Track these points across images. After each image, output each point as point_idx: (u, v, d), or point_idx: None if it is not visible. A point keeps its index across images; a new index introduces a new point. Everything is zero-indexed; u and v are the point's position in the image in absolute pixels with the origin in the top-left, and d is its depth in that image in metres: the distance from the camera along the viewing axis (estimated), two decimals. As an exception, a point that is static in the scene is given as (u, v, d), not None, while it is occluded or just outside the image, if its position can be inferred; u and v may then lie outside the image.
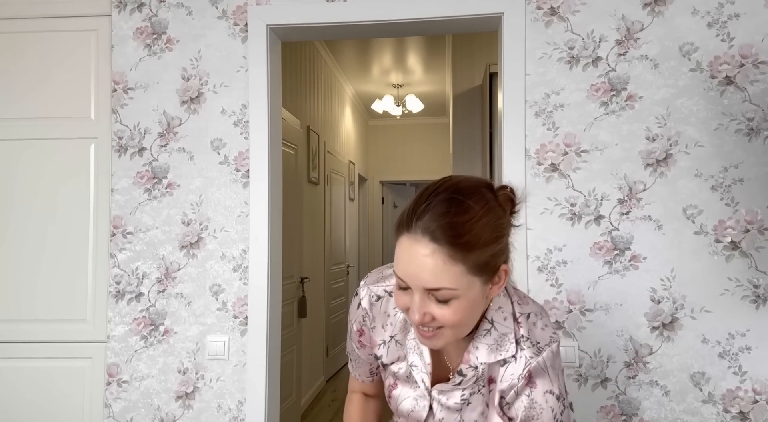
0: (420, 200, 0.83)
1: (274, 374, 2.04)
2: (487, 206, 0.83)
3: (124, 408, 2.00)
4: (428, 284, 0.81)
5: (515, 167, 1.86)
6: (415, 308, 0.83)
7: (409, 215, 0.82)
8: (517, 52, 1.87)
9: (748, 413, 1.76)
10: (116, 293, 2.02)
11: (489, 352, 0.92)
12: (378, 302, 1.02)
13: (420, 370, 0.98)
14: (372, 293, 1.02)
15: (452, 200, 0.81)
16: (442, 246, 0.79)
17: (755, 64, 1.78)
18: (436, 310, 0.83)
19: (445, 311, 0.82)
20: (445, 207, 0.80)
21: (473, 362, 0.93)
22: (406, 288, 0.84)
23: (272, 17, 1.98)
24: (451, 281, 0.80)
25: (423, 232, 0.80)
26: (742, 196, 1.78)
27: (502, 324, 0.93)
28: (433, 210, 0.80)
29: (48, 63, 2.08)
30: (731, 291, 1.77)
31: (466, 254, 0.80)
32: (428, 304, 0.83)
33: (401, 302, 0.86)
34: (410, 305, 0.84)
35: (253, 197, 1.97)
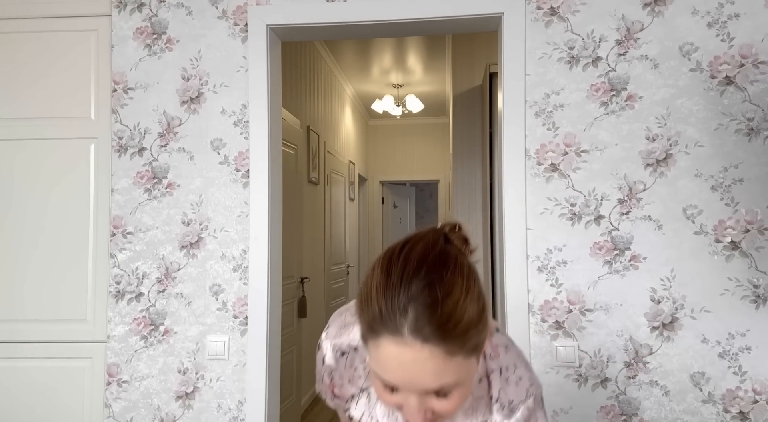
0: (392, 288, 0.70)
1: (274, 374, 2.04)
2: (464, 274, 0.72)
3: (124, 408, 2.00)
4: (429, 386, 0.70)
5: (515, 167, 1.86)
6: (414, 413, 0.72)
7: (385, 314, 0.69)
8: (517, 52, 1.87)
9: (748, 413, 1.76)
10: (116, 293, 2.02)
11: (464, 418, 0.86)
12: (343, 358, 0.92)
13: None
14: (336, 349, 0.93)
15: (432, 283, 0.69)
16: (437, 345, 0.67)
17: (755, 64, 1.78)
18: (437, 405, 0.73)
19: (446, 403, 0.73)
20: (429, 296, 0.68)
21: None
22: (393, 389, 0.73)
23: (272, 17, 1.98)
24: (453, 375, 0.70)
25: (412, 334, 0.67)
26: (742, 196, 1.78)
27: (477, 387, 0.86)
28: (416, 302, 0.68)
29: (48, 63, 2.08)
30: (731, 291, 1.77)
31: (462, 341, 0.69)
32: (427, 401, 0.73)
33: (392, 401, 0.75)
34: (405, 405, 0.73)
35: (253, 197, 1.97)
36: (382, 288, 0.70)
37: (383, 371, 0.71)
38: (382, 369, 0.71)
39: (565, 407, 1.82)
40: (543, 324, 1.85)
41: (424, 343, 0.67)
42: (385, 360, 0.70)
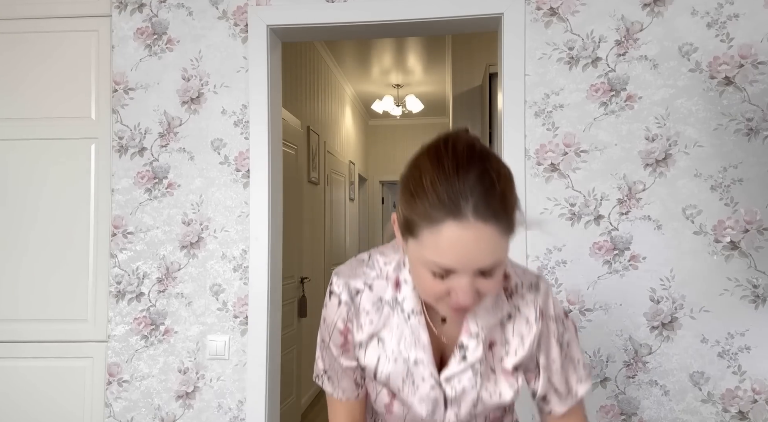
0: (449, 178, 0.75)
1: (274, 374, 2.04)
2: (501, 163, 0.80)
3: (124, 408, 2.01)
4: (486, 264, 0.76)
5: (515, 167, 1.86)
6: (467, 291, 0.78)
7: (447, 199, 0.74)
8: (516, 52, 1.87)
9: (748, 412, 1.76)
10: (117, 293, 2.02)
11: (486, 314, 0.92)
12: (357, 297, 0.93)
13: (426, 365, 0.92)
14: (351, 288, 0.94)
15: (486, 172, 0.75)
16: (495, 224, 0.74)
17: (754, 65, 1.78)
18: (482, 285, 0.79)
19: (491, 282, 0.79)
20: (486, 182, 0.74)
21: (473, 329, 0.91)
22: (444, 276, 0.78)
23: (272, 17, 1.98)
24: (502, 252, 0.77)
25: (475, 215, 0.73)
26: (741, 196, 1.78)
27: None
28: (477, 188, 0.74)
29: (48, 63, 2.08)
30: (730, 291, 1.78)
31: (510, 221, 0.77)
32: (475, 282, 0.78)
33: (436, 289, 0.80)
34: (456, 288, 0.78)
35: (253, 197, 1.98)
36: (440, 178, 0.75)
37: (442, 255, 0.75)
38: (441, 254, 0.75)
39: (564, 406, 1.83)
40: (543, 323, 1.85)
41: (486, 223, 0.73)
42: (446, 243, 0.74)
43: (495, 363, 0.94)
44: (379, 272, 0.94)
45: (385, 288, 0.93)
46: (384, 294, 0.93)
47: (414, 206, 0.77)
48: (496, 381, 0.93)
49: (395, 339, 0.93)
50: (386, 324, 0.93)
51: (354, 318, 0.94)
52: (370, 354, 0.94)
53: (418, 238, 0.77)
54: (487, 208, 0.73)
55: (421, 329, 0.91)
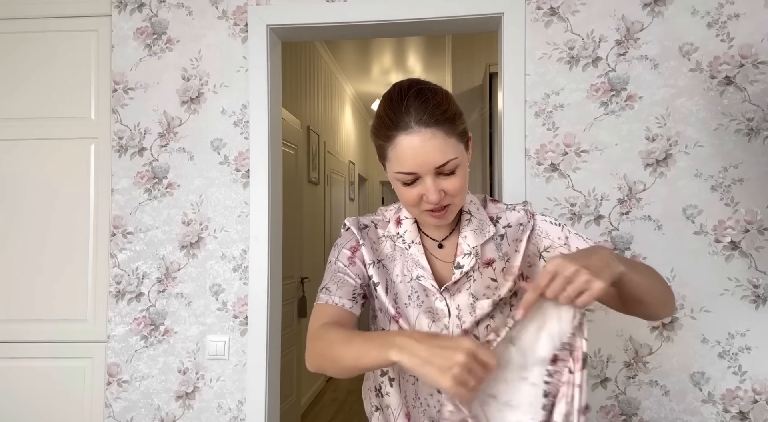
0: (395, 105, 0.94)
1: (274, 374, 2.04)
2: (441, 87, 0.98)
3: (124, 408, 2.01)
4: (439, 161, 0.92)
5: (515, 167, 1.86)
6: (432, 189, 0.94)
7: (395, 118, 0.93)
8: (517, 52, 1.87)
9: (748, 413, 1.76)
10: (116, 293, 2.02)
11: (475, 236, 1.07)
12: (366, 230, 1.11)
13: (426, 279, 1.04)
14: (360, 223, 1.12)
15: (422, 91, 0.94)
16: (437, 127, 0.92)
17: (755, 65, 1.78)
18: (446, 184, 0.95)
19: (453, 181, 0.95)
20: (423, 98, 0.93)
21: (466, 249, 1.06)
22: (412, 182, 0.95)
23: (272, 17, 1.98)
24: (453, 151, 0.93)
25: (417, 123, 0.92)
26: (741, 196, 1.78)
27: (477, 213, 1.10)
28: (415, 104, 0.93)
29: (48, 63, 2.08)
30: (731, 291, 1.78)
31: (453, 125, 0.94)
32: (439, 182, 0.95)
33: (410, 196, 0.97)
34: (423, 191, 0.95)
35: (253, 197, 1.97)
36: (388, 106, 0.96)
37: (402, 163, 0.94)
38: (401, 162, 0.94)
39: (565, 407, 1.82)
40: (543, 323, 1.84)
41: (427, 127, 0.92)
42: (402, 152, 0.93)
43: (497, 274, 1.06)
44: (382, 217, 1.14)
45: (388, 227, 1.12)
46: (386, 231, 1.11)
47: (378, 133, 0.97)
48: (496, 287, 1.05)
49: (398, 267, 1.07)
50: (388, 255, 1.09)
51: (363, 240, 1.09)
52: (380, 275, 1.08)
53: (387, 158, 0.97)
54: (425, 115, 0.92)
55: (420, 255, 1.07)
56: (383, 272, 1.08)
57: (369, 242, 1.09)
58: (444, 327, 1.03)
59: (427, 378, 0.76)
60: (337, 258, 1.09)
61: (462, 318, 1.03)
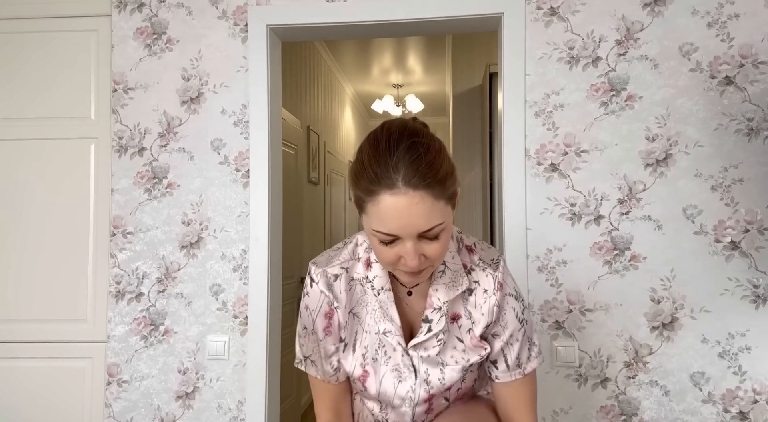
0: (381, 157, 0.85)
1: (274, 374, 2.04)
2: (434, 138, 0.89)
3: (124, 408, 2.00)
4: (423, 227, 0.85)
5: (515, 167, 1.86)
6: (412, 255, 0.87)
7: (380, 174, 0.84)
8: (517, 52, 1.87)
9: (748, 413, 1.76)
10: (116, 293, 2.02)
11: (447, 290, 1.00)
12: (336, 282, 1.02)
13: (394, 334, 1.00)
14: (329, 275, 1.02)
15: (414, 144, 0.85)
16: (425, 190, 0.83)
17: (755, 65, 1.78)
18: (428, 249, 0.88)
19: (435, 246, 0.88)
20: (413, 154, 0.84)
21: (436, 304, 1.00)
22: (390, 242, 0.87)
23: (272, 17, 1.98)
24: (439, 217, 0.86)
25: (405, 184, 0.82)
26: (741, 196, 1.78)
27: (452, 263, 1.02)
28: (404, 160, 0.83)
29: (48, 63, 2.08)
30: (731, 291, 1.78)
31: (442, 187, 0.85)
32: (421, 246, 0.88)
33: (387, 256, 0.89)
34: (402, 254, 0.88)
35: (253, 197, 1.97)
36: (374, 157, 0.85)
37: (383, 223, 0.85)
38: (382, 222, 0.85)
39: (564, 407, 1.82)
40: (543, 323, 1.85)
41: (416, 190, 0.83)
42: (384, 212, 0.84)
43: (462, 333, 1.02)
44: (351, 255, 1.04)
45: (357, 267, 1.03)
46: (356, 274, 1.02)
47: (358, 184, 0.87)
48: (464, 349, 1.02)
49: (369, 314, 1.02)
50: (359, 301, 1.02)
51: (337, 303, 1.02)
52: (350, 329, 1.02)
53: (366, 212, 0.87)
54: (415, 176, 0.83)
55: (389, 303, 1.00)
56: (353, 323, 1.02)
57: (343, 299, 1.01)
58: (410, 389, 1.01)
59: None
60: (314, 326, 1.03)
61: (430, 382, 1.01)
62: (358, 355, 1.03)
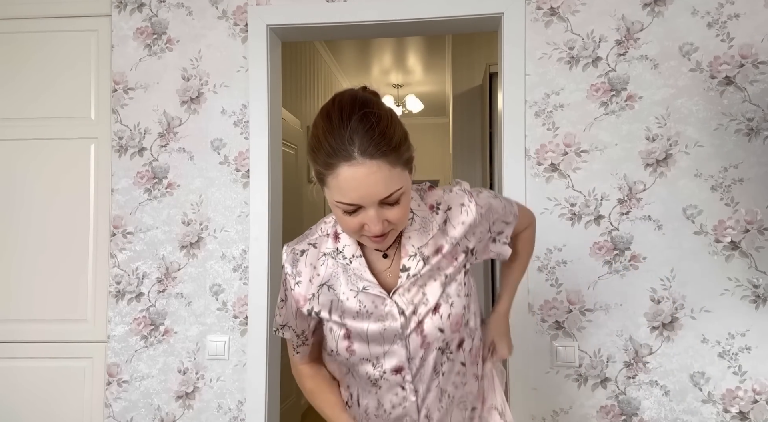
0: (335, 130, 0.86)
1: (274, 374, 2.04)
2: (384, 107, 0.91)
3: (124, 408, 2.00)
4: (383, 194, 0.87)
5: (515, 167, 1.86)
6: (375, 221, 0.89)
7: (337, 147, 0.85)
8: (517, 52, 1.87)
9: (748, 413, 1.76)
10: (116, 293, 2.02)
11: (419, 235, 1.03)
12: (302, 257, 1.05)
13: (373, 287, 1.01)
14: (295, 251, 1.06)
15: (366, 115, 0.86)
16: (381, 158, 0.85)
17: (755, 65, 1.78)
18: (390, 214, 0.91)
19: (396, 210, 0.91)
20: (366, 123, 0.86)
21: (411, 251, 1.01)
22: (353, 212, 0.90)
23: (272, 17, 1.98)
24: (398, 182, 0.88)
25: (361, 154, 0.84)
26: (742, 196, 1.78)
27: (419, 209, 1.04)
28: (358, 131, 0.85)
29: (48, 63, 2.08)
30: (731, 291, 1.77)
31: (397, 154, 0.88)
32: (383, 212, 0.90)
33: (351, 225, 0.92)
34: (365, 221, 0.90)
35: (253, 197, 1.97)
36: (329, 130, 0.87)
37: (344, 194, 0.87)
38: (343, 193, 0.87)
39: (565, 407, 1.82)
40: (543, 324, 1.85)
41: (372, 159, 0.85)
42: (344, 183, 0.86)
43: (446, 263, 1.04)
44: (321, 232, 1.07)
45: (327, 243, 1.05)
46: (326, 249, 1.04)
47: (317, 159, 0.89)
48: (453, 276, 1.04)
49: (343, 283, 1.03)
50: (333, 274, 1.04)
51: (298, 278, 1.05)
52: (323, 300, 1.04)
53: (327, 184, 0.89)
54: (370, 146, 0.85)
55: (362, 268, 1.02)
56: (328, 294, 1.04)
57: (308, 273, 1.05)
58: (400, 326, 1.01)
59: None
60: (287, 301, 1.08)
61: (418, 312, 1.01)
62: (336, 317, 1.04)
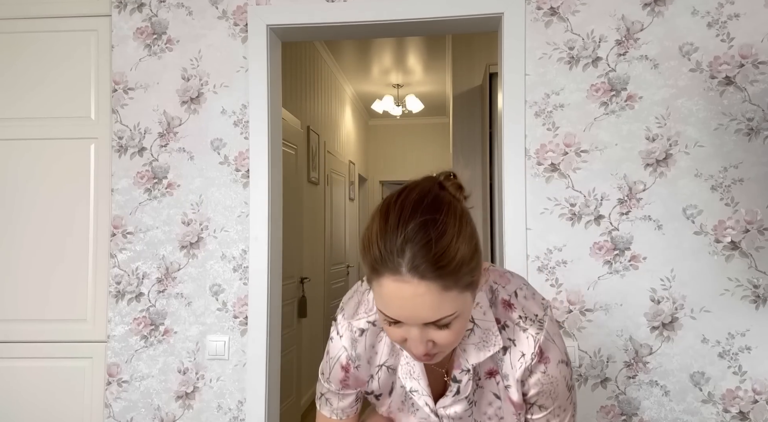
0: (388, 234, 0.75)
1: (274, 374, 2.04)
2: (456, 215, 0.78)
3: (124, 408, 2.00)
4: (429, 319, 0.76)
5: (515, 167, 1.86)
6: (417, 343, 0.79)
7: (385, 255, 0.74)
8: (517, 52, 1.87)
9: (748, 413, 1.76)
10: (116, 293, 2.02)
11: (477, 351, 0.91)
12: (362, 337, 0.95)
13: (421, 394, 0.93)
14: (354, 329, 0.95)
15: (426, 224, 0.74)
16: (433, 281, 0.73)
17: (755, 65, 1.78)
18: (437, 336, 0.79)
19: (446, 333, 0.79)
20: (424, 236, 0.73)
21: (464, 366, 0.91)
22: (395, 323, 0.79)
23: (272, 17, 1.98)
24: (449, 309, 0.76)
25: (410, 272, 0.73)
26: (742, 196, 1.78)
27: (483, 320, 0.91)
28: (412, 243, 0.73)
29: (48, 63, 2.08)
30: (731, 291, 1.78)
31: (456, 277, 0.75)
32: (428, 333, 0.79)
33: (396, 336, 0.81)
34: (408, 337, 0.80)
35: (253, 197, 1.97)
36: (381, 232, 0.76)
37: (386, 307, 0.77)
38: (385, 306, 0.77)
39: (565, 407, 1.82)
40: (543, 323, 1.84)
41: (421, 280, 0.73)
42: (387, 297, 0.76)
43: (500, 390, 0.93)
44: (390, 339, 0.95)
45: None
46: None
47: (365, 258, 0.78)
48: (499, 407, 0.94)
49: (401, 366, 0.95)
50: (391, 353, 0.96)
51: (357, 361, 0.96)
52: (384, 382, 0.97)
53: (372, 287, 0.79)
54: (422, 264, 0.72)
55: (415, 361, 0.93)
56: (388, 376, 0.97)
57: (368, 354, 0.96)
58: None
59: None
60: (331, 375, 0.99)
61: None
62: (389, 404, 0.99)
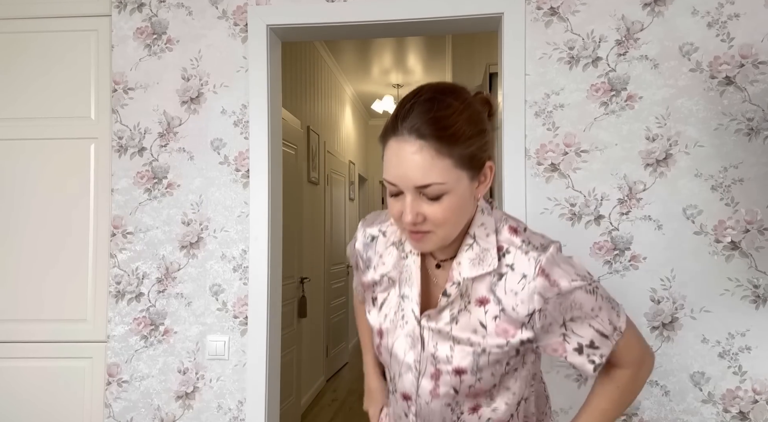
0: (403, 105, 0.85)
1: (274, 374, 2.04)
2: (466, 102, 0.86)
3: (124, 408, 2.00)
4: (418, 181, 0.82)
5: (515, 167, 1.86)
6: (408, 209, 0.84)
7: (394, 120, 0.85)
8: (517, 52, 1.87)
9: (748, 413, 1.76)
10: (116, 293, 2.02)
11: (471, 266, 0.92)
12: (372, 243, 1.06)
13: (410, 300, 0.97)
14: (367, 234, 1.07)
15: (434, 99, 0.84)
16: (428, 141, 0.81)
17: (755, 64, 1.78)
18: (427, 208, 0.85)
19: (435, 208, 0.84)
20: (428, 105, 0.83)
21: (456, 278, 0.93)
22: (398, 194, 0.87)
23: (272, 17, 1.98)
24: (440, 176, 0.82)
25: (409, 131, 0.82)
26: (742, 196, 1.78)
27: (484, 240, 0.93)
28: (417, 110, 0.83)
29: (48, 63, 2.08)
30: (731, 291, 1.77)
31: (452, 146, 0.82)
32: (420, 204, 0.85)
33: (394, 209, 0.88)
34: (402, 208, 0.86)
35: (253, 197, 1.97)
36: (397, 106, 0.87)
37: (386, 171, 0.86)
38: (386, 170, 0.86)
39: (564, 407, 1.82)
40: (543, 323, 1.85)
41: (417, 138, 0.81)
42: (388, 158, 0.85)
43: (487, 319, 0.92)
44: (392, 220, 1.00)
45: (395, 232, 1.04)
46: (394, 237, 1.03)
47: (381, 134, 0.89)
48: (484, 335, 0.92)
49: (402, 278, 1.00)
50: (396, 265, 1.02)
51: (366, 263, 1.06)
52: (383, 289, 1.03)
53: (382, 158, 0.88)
54: (420, 124, 0.81)
55: (414, 267, 0.98)
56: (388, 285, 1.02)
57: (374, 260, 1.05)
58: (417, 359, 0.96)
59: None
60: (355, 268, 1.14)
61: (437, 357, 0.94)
62: (381, 314, 1.03)
